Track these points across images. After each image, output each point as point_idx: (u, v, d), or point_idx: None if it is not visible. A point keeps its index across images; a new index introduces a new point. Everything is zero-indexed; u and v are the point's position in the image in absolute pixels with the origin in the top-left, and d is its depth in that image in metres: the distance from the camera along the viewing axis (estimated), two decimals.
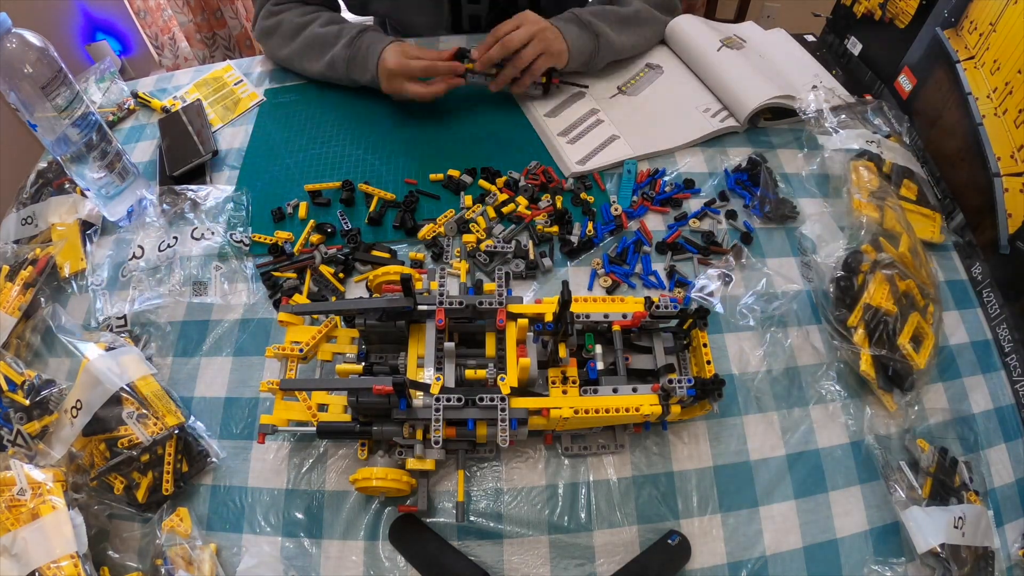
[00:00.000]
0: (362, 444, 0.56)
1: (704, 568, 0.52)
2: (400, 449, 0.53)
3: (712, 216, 0.72)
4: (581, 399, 0.51)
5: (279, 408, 0.54)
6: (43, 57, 0.60)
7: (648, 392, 0.52)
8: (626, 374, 0.55)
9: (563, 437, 0.57)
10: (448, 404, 0.50)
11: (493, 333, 0.55)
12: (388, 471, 0.50)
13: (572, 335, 0.53)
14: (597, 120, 0.81)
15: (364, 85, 0.84)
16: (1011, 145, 0.62)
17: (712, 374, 0.53)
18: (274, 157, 0.81)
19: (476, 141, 0.81)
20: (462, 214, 0.71)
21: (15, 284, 0.66)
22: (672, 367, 0.55)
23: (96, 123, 0.68)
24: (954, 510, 0.52)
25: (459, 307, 0.52)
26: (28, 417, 0.57)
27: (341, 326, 0.60)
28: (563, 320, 0.49)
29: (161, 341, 0.65)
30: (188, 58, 1.99)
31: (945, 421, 0.60)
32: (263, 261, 0.70)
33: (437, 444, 0.49)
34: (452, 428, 0.51)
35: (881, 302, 0.59)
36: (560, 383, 0.52)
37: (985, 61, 0.66)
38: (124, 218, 0.75)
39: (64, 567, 0.47)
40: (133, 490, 0.54)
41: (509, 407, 0.50)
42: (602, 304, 0.56)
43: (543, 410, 0.50)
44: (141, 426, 0.54)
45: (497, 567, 0.52)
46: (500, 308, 0.52)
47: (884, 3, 0.81)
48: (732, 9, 1.73)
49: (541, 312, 0.53)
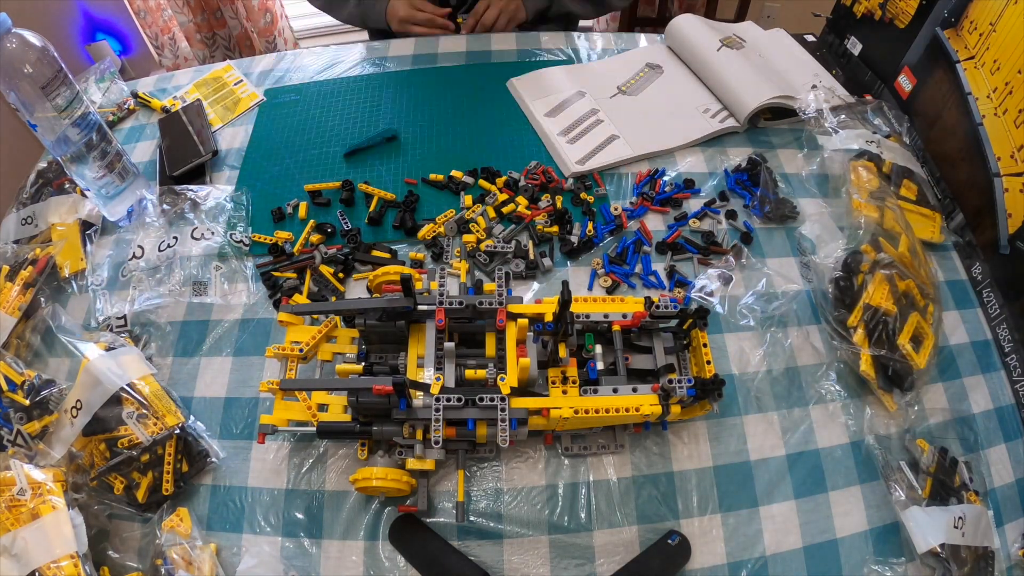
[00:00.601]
0: (362, 444, 0.56)
1: (704, 568, 0.52)
2: (400, 449, 0.53)
3: (712, 216, 0.72)
4: (581, 399, 0.51)
5: (279, 408, 0.54)
6: (43, 57, 0.60)
7: (648, 392, 0.52)
8: (626, 374, 0.55)
9: (563, 437, 0.57)
10: (448, 404, 0.50)
11: (493, 333, 0.55)
12: (388, 471, 0.50)
13: (572, 335, 0.53)
14: (597, 120, 0.81)
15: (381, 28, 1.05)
16: (1011, 145, 0.62)
17: (712, 374, 0.53)
18: (274, 157, 0.81)
19: (476, 141, 0.81)
20: (462, 214, 0.71)
21: (15, 284, 0.66)
22: (672, 367, 0.55)
23: (96, 123, 0.68)
24: (954, 510, 0.52)
25: (459, 307, 0.52)
26: (28, 417, 0.57)
27: (341, 326, 0.60)
28: (563, 320, 0.49)
29: (161, 341, 0.65)
30: (188, 58, 1.99)
31: (945, 421, 0.60)
32: (263, 261, 0.70)
33: (437, 444, 0.49)
34: (452, 428, 0.51)
35: (880, 302, 0.59)
36: (560, 383, 0.52)
37: (985, 61, 0.66)
38: (124, 218, 0.75)
39: (64, 567, 0.47)
40: (133, 490, 0.54)
41: (509, 407, 0.50)
42: (602, 304, 0.56)
43: (543, 410, 0.50)
44: (141, 426, 0.54)
45: (497, 567, 0.52)
46: (500, 308, 0.52)
47: (884, 3, 0.81)
48: (732, 9, 1.73)
49: (541, 312, 0.53)
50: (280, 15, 2.01)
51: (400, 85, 0.89)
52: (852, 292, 0.61)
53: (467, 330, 0.56)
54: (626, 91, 0.86)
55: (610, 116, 0.81)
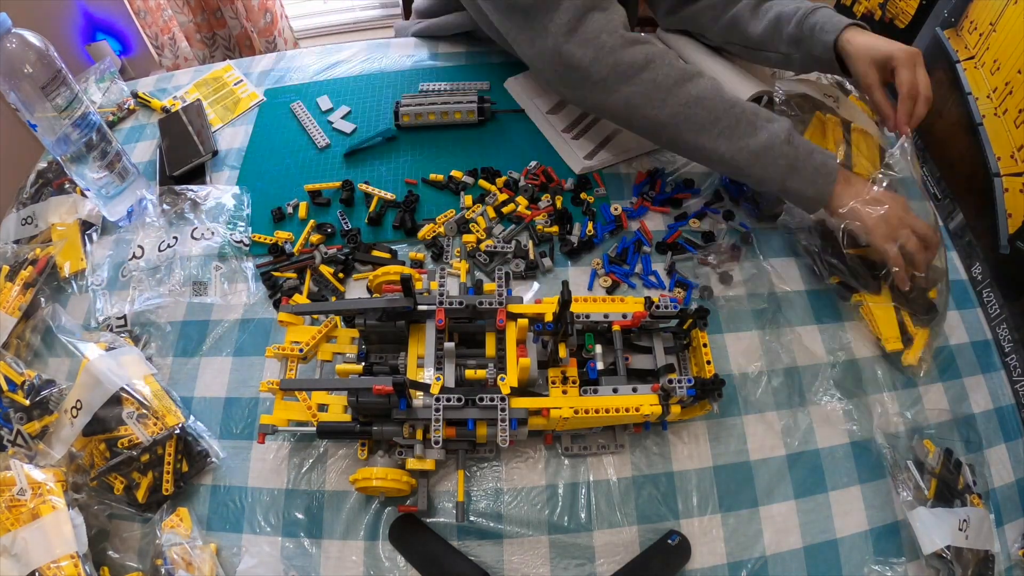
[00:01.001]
0: (362, 444, 0.56)
1: (704, 568, 0.52)
2: (400, 449, 0.53)
3: (712, 216, 0.72)
4: (581, 399, 0.51)
5: (279, 408, 0.54)
6: (43, 57, 0.60)
7: (648, 392, 0.52)
8: (626, 374, 0.55)
9: (563, 437, 0.57)
10: (448, 404, 0.50)
11: (493, 333, 0.55)
12: (388, 471, 0.50)
13: (572, 335, 0.53)
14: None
15: (774, 192, 0.63)
16: (1011, 145, 0.62)
17: (712, 374, 0.53)
18: (274, 157, 0.81)
19: (477, 140, 0.81)
20: (462, 214, 0.71)
21: (15, 284, 0.66)
22: (672, 367, 0.55)
23: (96, 123, 0.68)
24: (959, 512, 0.52)
25: (459, 307, 0.52)
26: (28, 417, 0.57)
27: (341, 326, 0.60)
28: (563, 320, 0.49)
29: (161, 341, 0.65)
30: (188, 58, 1.99)
31: (948, 421, 0.60)
32: (263, 261, 0.70)
33: (437, 444, 0.49)
34: (452, 428, 0.51)
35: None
36: (560, 383, 0.52)
37: (985, 61, 0.66)
38: (124, 218, 0.75)
39: (64, 567, 0.47)
40: (133, 490, 0.54)
41: (509, 407, 0.50)
42: (602, 304, 0.56)
43: (543, 410, 0.50)
44: (141, 426, 0.54)
45: (497, 567, 0.52)
46: (500, 308, 0.52)
47: (884, 3, 0.81)
48: None
49: (541, 312, 0.53)
50: (280, 15, 2.01)
51: (400, 85, 0.89)
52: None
53: (467, 330, 0.56)
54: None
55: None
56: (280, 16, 2.02)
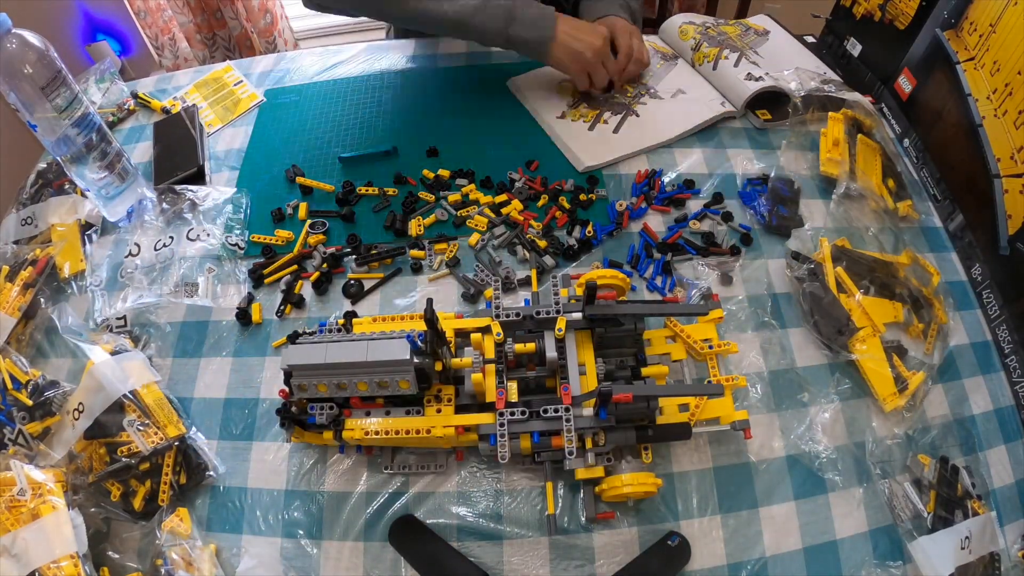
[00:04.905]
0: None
1: (704, 569, 0.52)
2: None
3: (712, 217, 0.72)
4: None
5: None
6: (43, 57, 0.60)
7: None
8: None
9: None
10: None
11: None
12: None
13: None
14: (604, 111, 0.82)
15: (498, 45, 0.77)
16: (1011, 146, 0.62)
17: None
18: (274, 158, 0.81)
19: (477, 141, 0.81)
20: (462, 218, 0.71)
21: (15, 284, 0.66)
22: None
23: (96, 124, 0.68)
24: (960, 530, 0.52)
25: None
26: (31, 417, 0.57)
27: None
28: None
29: (161, 342, 0.65)
30: (188, 58, 1.99)
31: (944, 424, 0.60)
32: (256, 263, 0.69)
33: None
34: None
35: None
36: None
37: (985, 62, 0.66)
38: (124, 219, 0.75)
39: (64, 567, 0.47)
40: (130, 497, 0.54)
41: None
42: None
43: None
44: (141, 435, 0.54)
45: (497, 568, 0.52)
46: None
47: (884, 4, 0.81)
48: (732, 10, 1.73)
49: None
50: (280, 15, 2.01)
51: (400, 85, 0.89)
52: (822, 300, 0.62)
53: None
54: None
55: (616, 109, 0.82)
56: (280, 17, 2.02)
